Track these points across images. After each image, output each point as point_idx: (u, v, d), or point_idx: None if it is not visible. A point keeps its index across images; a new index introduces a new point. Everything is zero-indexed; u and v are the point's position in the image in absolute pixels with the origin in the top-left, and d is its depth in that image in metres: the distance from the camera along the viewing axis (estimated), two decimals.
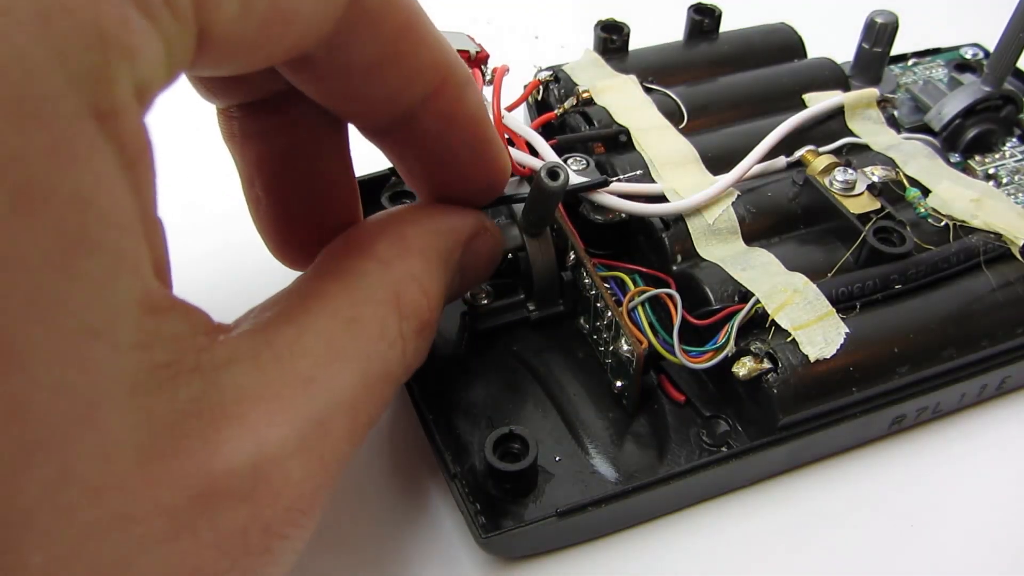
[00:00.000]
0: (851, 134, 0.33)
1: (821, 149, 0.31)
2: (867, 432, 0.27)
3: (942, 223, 0.29)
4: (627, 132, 0.32)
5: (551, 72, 0.35)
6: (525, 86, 0.34)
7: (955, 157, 0.36)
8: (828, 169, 0.30)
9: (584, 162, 0.30)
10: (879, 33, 0.36)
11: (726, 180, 0.29)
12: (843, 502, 0.26)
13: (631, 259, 0.29)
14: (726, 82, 0.35)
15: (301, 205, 0.23)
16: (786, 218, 0.30)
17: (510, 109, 0.32)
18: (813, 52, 0.37)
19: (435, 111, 0.20)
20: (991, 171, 0.36)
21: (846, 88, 0.35)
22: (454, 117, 0.21)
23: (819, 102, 0.33)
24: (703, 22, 0.37)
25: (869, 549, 0.25)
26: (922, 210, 0.30)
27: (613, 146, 0.32)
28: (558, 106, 0.33)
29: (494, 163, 0.23)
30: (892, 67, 0.40)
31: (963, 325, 0.27)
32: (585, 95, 0.33)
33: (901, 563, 0.25)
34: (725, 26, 0.37)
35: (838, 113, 0.33)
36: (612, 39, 0.36)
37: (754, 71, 0.36)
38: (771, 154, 0.31)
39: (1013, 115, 0.36)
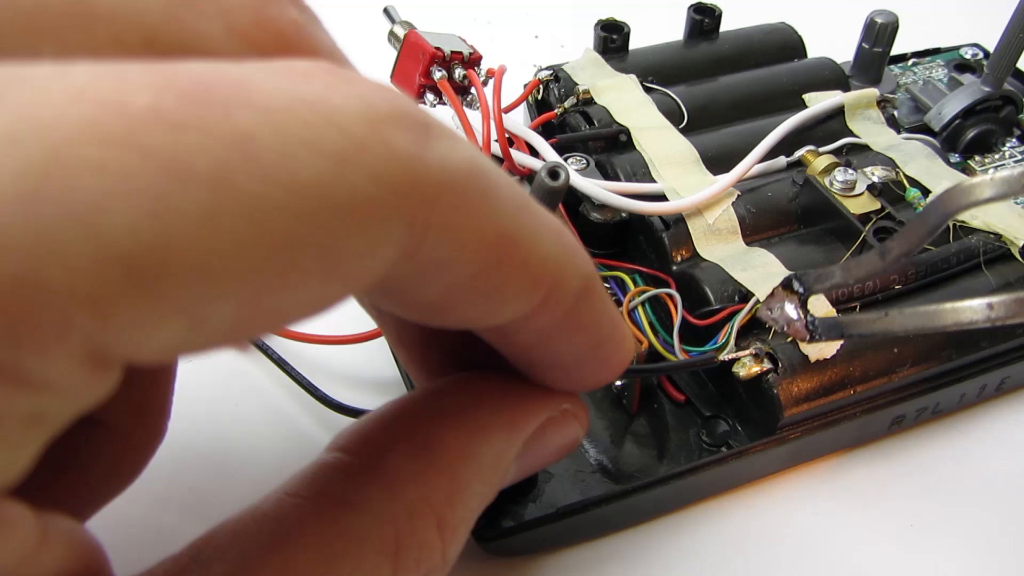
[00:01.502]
0: (851, 134, 0.33)
1: (821, 149, 0.31)
2: (867, 432, 0.27)
3: None
4: (627, 132, 0.32)
5: (551, 72, 0.35)
6: (525, 86, 0.34)
7: (955, 157, 0.36)
8: (828, 169, 0.30)
9: (584, 161, 0.30)
10: (879, 33, 0.36)
11: (726, 180, 0.29)
12: (843, 502, 0.26)
13: (631, 259, 0.29)
14: (726, 82, 0.35)
15: (452, 364, 0.19)
16: (786, 218, 0.30)
17: (509, 109, 0.32)
18: (813, 52, 0.37)
19: (535, 326, 0.15)
20: (991, 171, 0.36)
21: (846, 88, 0.35)
22: (560, 328, 0.16)
23: (819, 102, 0.33)
24: (703, 22, 0.37)
25: (869, 549, 0.25)
26: (922, 210, 0.30)
27: (613, 146, 0.32)
28: (558, 105, 0.33)
29: (608, 362, 0.18)
30: (892, 67, 0.40)
31: None
32: (585, 95, 0.33)
33: (901, 563, 0.25)
34: (725, 26, 0.37)
35: (838, 113, 0.33)
36: (612, 39, 0.36)
37: (754, 71, 0.36)
38: (771, 154, 0.31)
39: (1013, 115, 0.36)
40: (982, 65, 0.39)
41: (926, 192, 0.30)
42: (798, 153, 0.31)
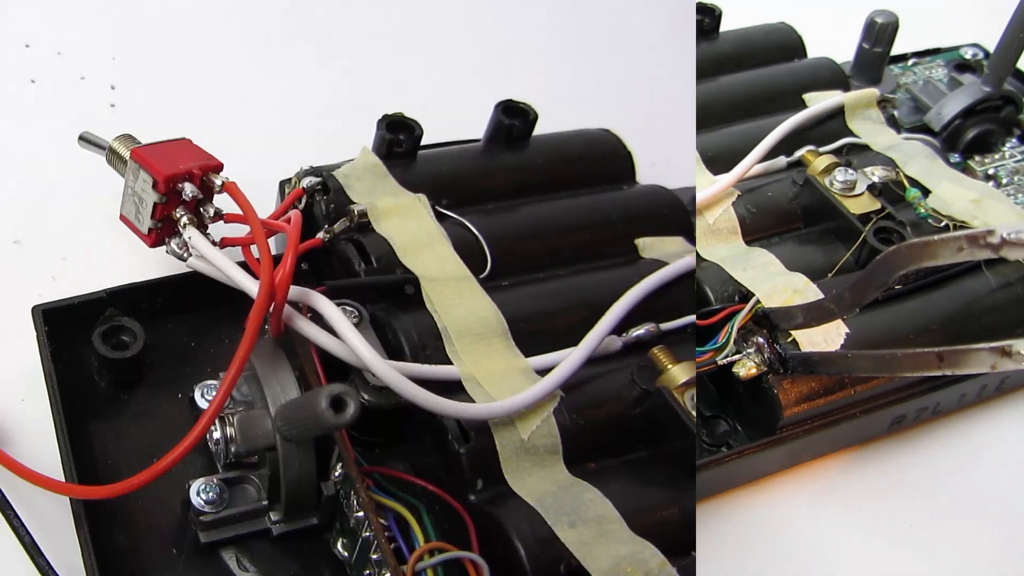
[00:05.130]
0: (851, 134, 0.33)
1: (821, 149, 0.31)
2: (867, 432, 0.27)
3: (942, 223, 0.29)
4: (415, 282, 0.25)
5: (317, 178, 0.27)
6: (286, 192, 0.27)
7: (955, 157, 0.36)
8: (828, 169, 0.30)
9: (357, 314, 0.24)
10: (879, 33, 0.36)
11: (726, 180, 0.29)
12: (843, 502, 0.26)
13: (409, 453, 0.23)
14: (726, 82, 0.35)
15: None
16: (786, 218, 0.30)
17: (270, 227, 0.24)
18: (813, 52, 0.37)
19: None
20: (991, 171, 0.36)
21: (846, 88, 0.35)
22: None
23: (819, 102, 0.33)
24: (703, 21, 0.37)
25: (869, 548, 0.25)
26: (922, 210, 0.30)
27: (395, 297, 0.25)
28: (325, 227, 0.26)
29: None
30: (892, 67, 0.40)
31: (963, 325, 0.27)
32: (361, 217, 0.26)
33: (901, 562, 0.25)
34: (725, 26, 0.37)
35: (838, 113, 0.33)
36: (399, 140, 0.28)
37: (754, 71, 0.36)
38: (771, 154, 0.31)
39: (1013, 115, 0.36)
40: (982, 65, 0.39)
41: (926, 192, 0.30)
42: (798, 153, 0.31)
